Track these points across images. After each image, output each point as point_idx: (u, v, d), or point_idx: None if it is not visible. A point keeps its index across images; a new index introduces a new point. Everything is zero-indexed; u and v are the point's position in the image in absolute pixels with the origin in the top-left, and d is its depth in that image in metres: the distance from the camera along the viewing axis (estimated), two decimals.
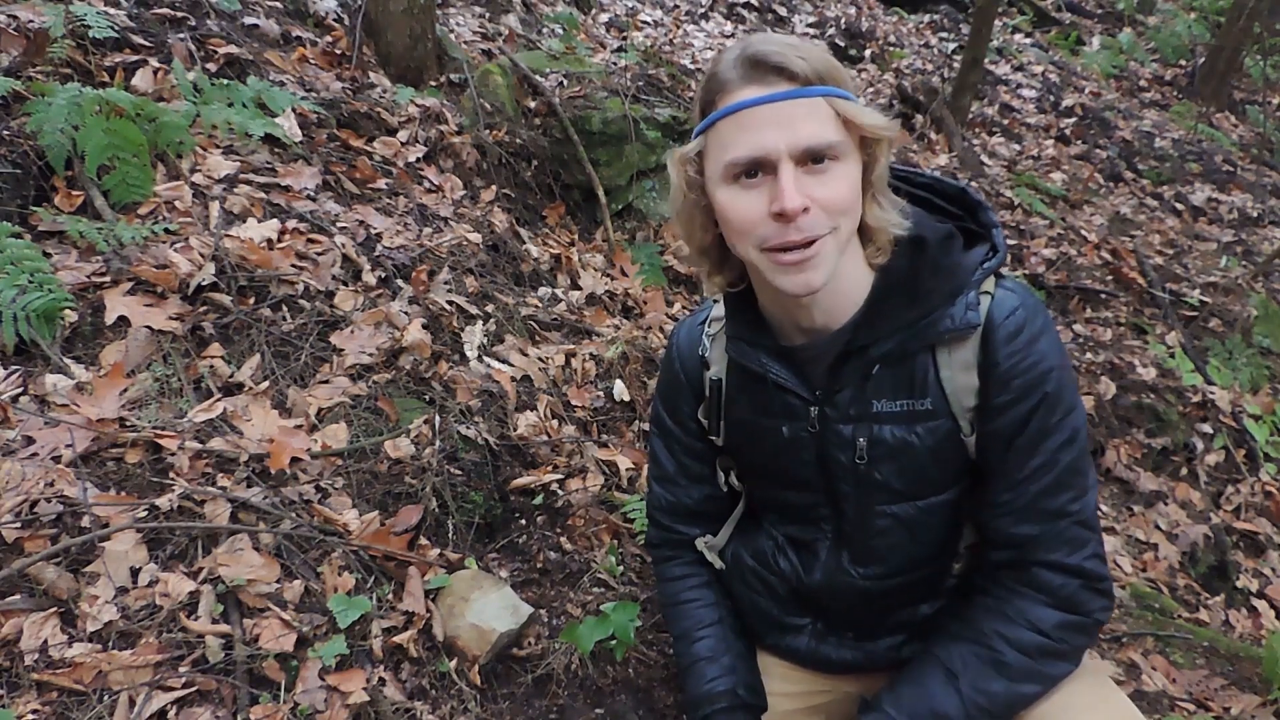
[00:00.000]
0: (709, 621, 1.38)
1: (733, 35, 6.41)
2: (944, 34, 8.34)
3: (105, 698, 1.39)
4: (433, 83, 3.49)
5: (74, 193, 2.13)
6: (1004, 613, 1.12)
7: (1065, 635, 1.09)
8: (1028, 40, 9.09)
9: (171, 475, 1.70)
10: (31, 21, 2.40)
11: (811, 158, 0.98)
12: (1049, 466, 1.07)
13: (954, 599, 1.25)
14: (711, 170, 1.05)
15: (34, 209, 2.04)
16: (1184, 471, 3.60)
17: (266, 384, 1.97)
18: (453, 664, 1.70)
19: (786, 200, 0.96)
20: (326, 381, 2.06)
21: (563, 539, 2.12)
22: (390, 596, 1.75)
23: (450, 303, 2.47)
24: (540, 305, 2.84)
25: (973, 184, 5.32)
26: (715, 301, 1.31)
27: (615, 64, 4.29)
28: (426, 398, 2.17)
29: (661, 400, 1.41)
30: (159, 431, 1.74)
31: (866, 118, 0.99)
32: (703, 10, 6.77)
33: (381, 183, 2.78)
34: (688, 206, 1.11)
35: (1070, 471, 1.08)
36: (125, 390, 1.80)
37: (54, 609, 1.45)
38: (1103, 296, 4.53)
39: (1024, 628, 1.09)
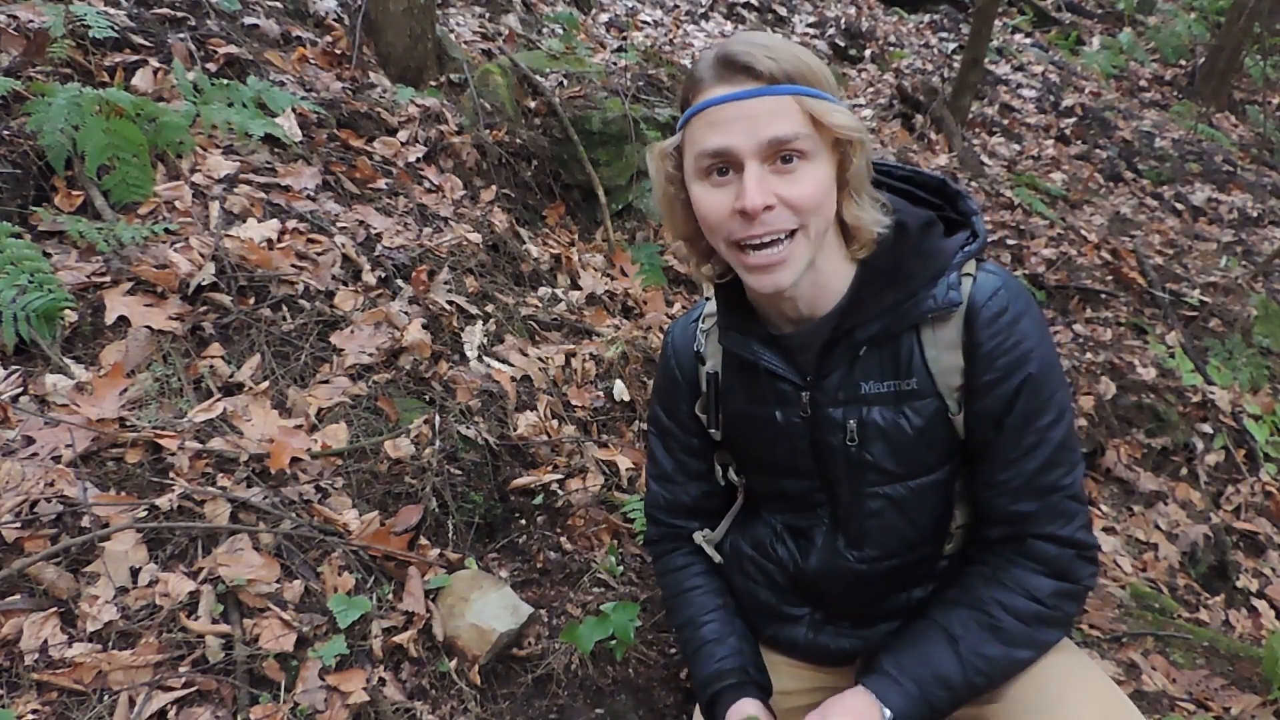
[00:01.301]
0: (713, 607, 1.39)
1: (733, 35, 6.40)
2: (944, 34, 8.34)
3: (105, 698, 1.39)
4: (433, 83, 3.49)
5: (74, 193, 2.13)
6: (1001, 581, 1.14)
7: (1059, 602, 1.13)
8: (1028, 40, 9.09)
9: (171, 475, 1.70)
10: (31, 21, 2.40)
11: (779, 156, 1.01)
12: (1042, 444, 1.11)
13: (947, 579, 1.26)
14: (687, 165, 1.09)
15: (34, 209, 2.04)
16: (1184, 471, 3.60)
17: (266, 384, 1.97)
18: (453, 664, 1.70)
19: (748, 198, 1.00)
20: (326, 381, 2.06)
21: (563, 539, 2.12)
22: (390, 596, 1.75)
23: (450, 303, 2.47)
24: (540, 305, 2.84)
25: (973, 184, 5.32)
26: (708, 299, 1.34)
27: (615, 64, 4.30)
28: (426, 398, 2.17)
29: (658, 399, 1.42)
30: (159, 431, 1.74)
31: (835, 118, 1.01)
32: (703, 10, 6.77)
33: (381, 183, 2.78)
34: (668, 199, 1.15)
35: (1061, 448, 1.11)
36: (125, 390, 1.80)
37: (54, 609, 1.45)
38: (1103, 296, 4.53)
39: (1021, 595, 1.12)
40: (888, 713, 1.09)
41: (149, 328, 1.91)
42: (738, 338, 1.21)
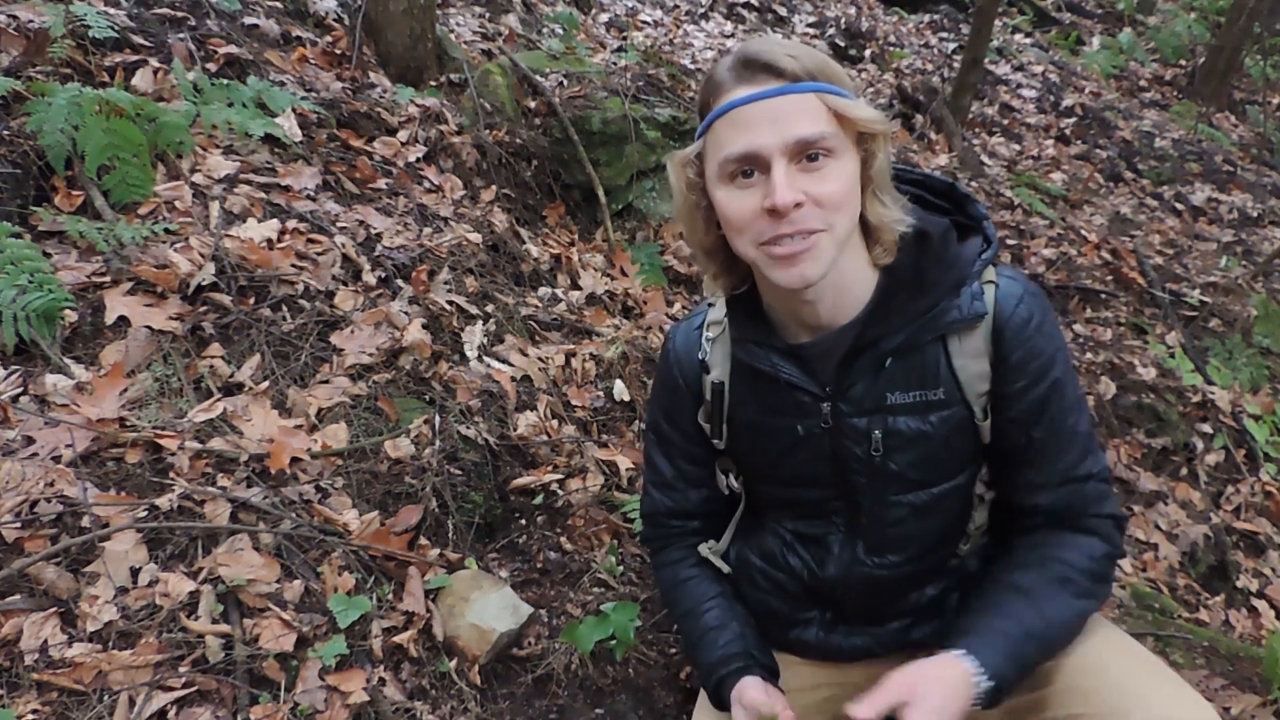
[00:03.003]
0: (713, 594, 1.38)
1: (733, 35, 6.41)
2: (944, 34, 8.34)
3: (105, 698, 1.39)
4: (433, 83, 3.49)
5: (74, 193, 2.13)
6: (1059, 544, 1.16)
7: (1106, 565, 1.16)
8: (1028, 40, 9.09)
9: (171, 475, 1.70)
10: (31, 21, 2.40)
11: (805, 154, 1.00)
12: (1071, 441, 1.14)
13: (960, 578, 1.28)
14: (710, 171, 1.08)
15: (34, 209, 2.04)
16: (1184, 471, 3.60)
17: (266, 384, 1.97)
18: (453, 664, 1.71)
19: (778, 196, 0.99)
20: (326, 381, 2.06)
21: (563, 539, 2.12)
22: (390, 596, 1.76)
23: (450, 303, 2.47)
24: (540, 305, 2.84)
25: (973, 184, 5.32)
26: (710, 305, 1.32)
27: (615, 64, 4.29)
28: (426, 398, 2.17)
29: (659, 406, 1.40)
30: (159, 431, 1.74)
31: (859, 111, 1.01)
32: (703, 10, 6.76)
33: (381, 183, 2.78)
34: (688, 208, 1.14)
35: (1085, 438, 1.15)
36: (125, 390, 1.80)
37: (54, 609, 1.46)
38: (1103, 296, 4.53)
39: (1079, 554, 1.15)
40: (977, 671, 1.06)
41: (149, 328, 1.91)
42: (755, 349, 1.20)
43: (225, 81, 2.62)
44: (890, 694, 1.04)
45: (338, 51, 3.31)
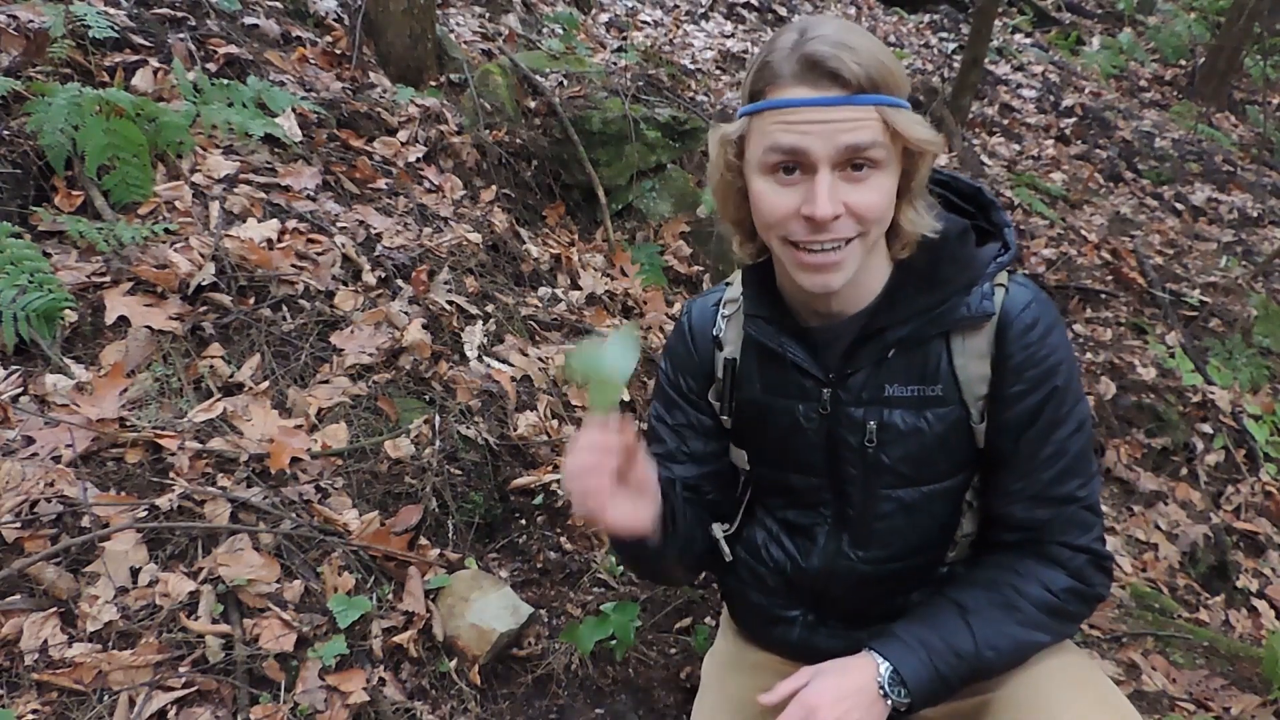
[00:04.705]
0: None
1: (732, 35, 6.41)
2: (944, 34, 8.34)
3: (105, 698, 1.39)
4: (433, 83, 3.49)
5: (74, 193, 2.13)
6: (1016, 570, 1.15)
7: (1070, 599, 1.14)
8: (1028, 40, 9.09)
9: (171, 475, 1.70)
10: (31, 21, 2.40)
11: (851, 162, 1.00)
12: (1059, 455, 1.11)
13: (948, 584, 1.26)
14: (751, 156, 1.07)
15: (34, 209, 2.04)
16: (1184, 471, 3.60)
17: (266, 384, 1.97)
18: (453, 664, 1.71)
19: (819, 207, 0.98)
20: (326, 381, 2.06)
21: (563, 539, 2.12)
22: (390, 596, 1.76)
23: (450, 303, 2.47)
24: (540, 305, 2.84)
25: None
26: (728, 284, 1.33)
27: (615, 64, 4.30)
28: (426, 398, 2.17)
29: (668, 373, 1.37)
30: (159, 431, 1.74)
31: (915, 131, 1.00)
32: (703, 10, 6.76)
33: (381, 183, 2.78)
34: (723, 184, 1.13)
35: (1078, 459, 1.12)
36: (125, 390, 1.80)
37: (54, 609, 1.46)
38: (1103, 296, 4.53)
39: (1035, 584, 1.13)
40: (885, 667, 1.08)
41: (149, 328, 1.91)
42: (765, 327, 1.20)
43: (225, 81, 2.62)
44: (797, 679, 1.08)
45: (338, 51, 3.31)
